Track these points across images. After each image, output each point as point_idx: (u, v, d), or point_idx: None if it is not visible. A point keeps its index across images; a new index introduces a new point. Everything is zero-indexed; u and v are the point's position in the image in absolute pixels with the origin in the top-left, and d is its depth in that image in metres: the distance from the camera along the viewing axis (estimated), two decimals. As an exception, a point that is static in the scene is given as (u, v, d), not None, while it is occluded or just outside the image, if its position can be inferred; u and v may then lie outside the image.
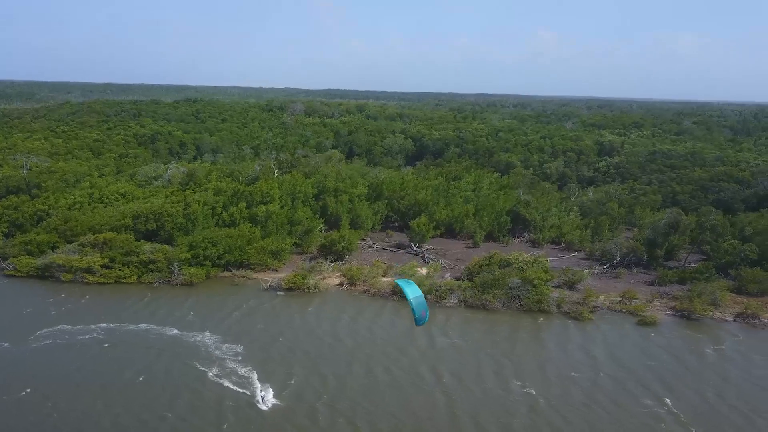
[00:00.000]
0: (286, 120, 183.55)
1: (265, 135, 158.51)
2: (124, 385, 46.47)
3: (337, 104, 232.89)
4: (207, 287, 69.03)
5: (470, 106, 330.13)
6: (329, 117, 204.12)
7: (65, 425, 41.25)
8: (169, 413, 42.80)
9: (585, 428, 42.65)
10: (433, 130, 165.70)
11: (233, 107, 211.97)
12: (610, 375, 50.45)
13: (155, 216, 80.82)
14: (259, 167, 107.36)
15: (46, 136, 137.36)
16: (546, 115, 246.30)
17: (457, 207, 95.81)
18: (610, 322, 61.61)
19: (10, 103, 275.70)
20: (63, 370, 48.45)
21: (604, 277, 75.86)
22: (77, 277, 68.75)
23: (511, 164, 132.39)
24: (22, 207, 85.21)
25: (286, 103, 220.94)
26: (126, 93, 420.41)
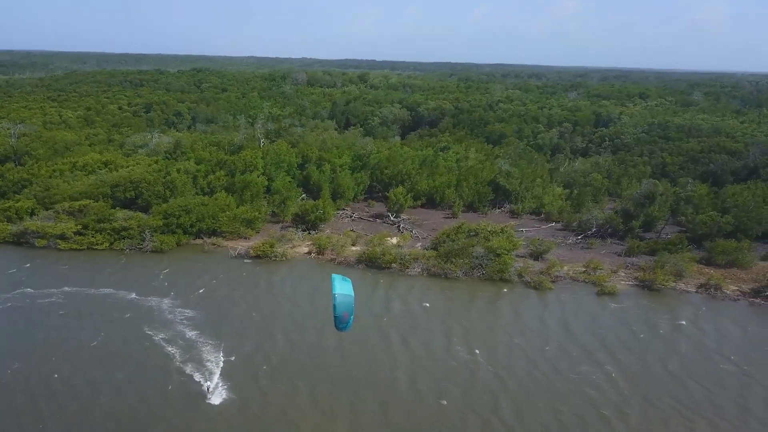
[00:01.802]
0: (286, 90, 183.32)
1: (263, 105, 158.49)
2: (76, 348, 47.65)
3: (340, 74, 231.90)
4: (177, 254, 70.08)
5: (485, 76, 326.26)
6: (331, 87, 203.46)
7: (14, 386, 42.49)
8: (118, 374, 43.91)
9: (519, 392, 43.13)
10: (430, 100, 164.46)
11: (235, 77, 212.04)
12: (559, 343, 50.87)
13: (134, 184, 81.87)
14: (243, 136, 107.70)
15: (42, 105, 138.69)
16: (552, 86, 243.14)
17: (439, 177, 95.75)
18: (569, 292, 61.76)
19: (22, 73, 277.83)
20: (16, 333, 49.69)
21: (576, 247, 75.78)
22: (51, 243, 70.11)
23: (503, 135, 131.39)
24: (6, 175, 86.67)
25: (289, 73, 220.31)
26: (140, 63, 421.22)
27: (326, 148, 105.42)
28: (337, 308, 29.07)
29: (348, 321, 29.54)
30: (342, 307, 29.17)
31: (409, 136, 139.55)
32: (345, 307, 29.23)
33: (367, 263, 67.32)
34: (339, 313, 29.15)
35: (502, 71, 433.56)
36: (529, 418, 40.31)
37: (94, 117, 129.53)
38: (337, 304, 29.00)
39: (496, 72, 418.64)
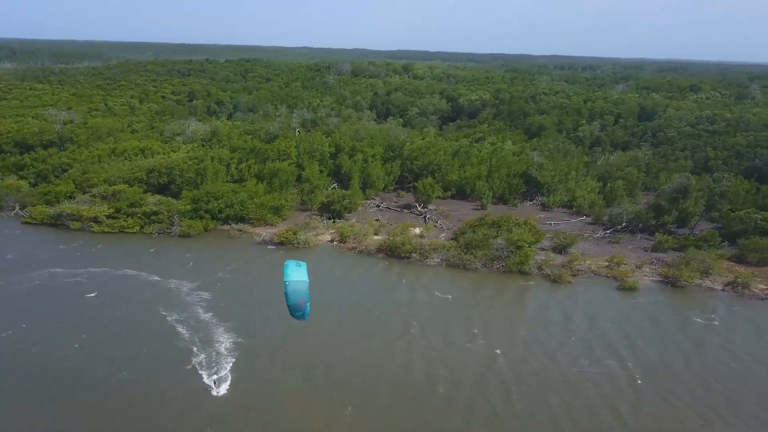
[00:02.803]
0: (329, 80, 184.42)
1: (304, 94, 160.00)
2: (93, 325, 49.43)
3: (384, 64, 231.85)
4: (203, 239, 71.73)
5: (536, 68, 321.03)
6: (375, 77, 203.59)
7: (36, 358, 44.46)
8: (131, 349, 45.45)
9: (529, 384, 42.79)
10: (471, 91, 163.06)
11: (281, 67, 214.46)
12: (572, 336, 50.33)
13: (168, 170, 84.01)
14: (279, 125, 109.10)
15: (90, 93, 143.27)
16: (601, 78, 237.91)
17: (471, 169, 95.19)
18: (589, 286, 60.84)
19: (80, 62, 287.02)
20: (41, 310, 51.80)
21: (603, 242, 74.37)
22: (85, 225, 72.70)
23: (543, 127, 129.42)
24: (48, 159, 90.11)
25: (334, 63, 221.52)
26: (196, 53, 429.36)
27: (360, 138, 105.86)
28: (290, 296, 26.96)
29: (305, 309, 27.43)
30: (295, 295, 27.08)
31: (447, 126, 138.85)
32: (299, 294, 27.13)
33: (387, 252, 67.61)
34: (293, 302, 27.06)
35: (556, 63, 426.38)
36: (540, 411, 40.06)
37: (138, 105, 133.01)
38: (288, 292, 26.89)
39: (550, 63, 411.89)
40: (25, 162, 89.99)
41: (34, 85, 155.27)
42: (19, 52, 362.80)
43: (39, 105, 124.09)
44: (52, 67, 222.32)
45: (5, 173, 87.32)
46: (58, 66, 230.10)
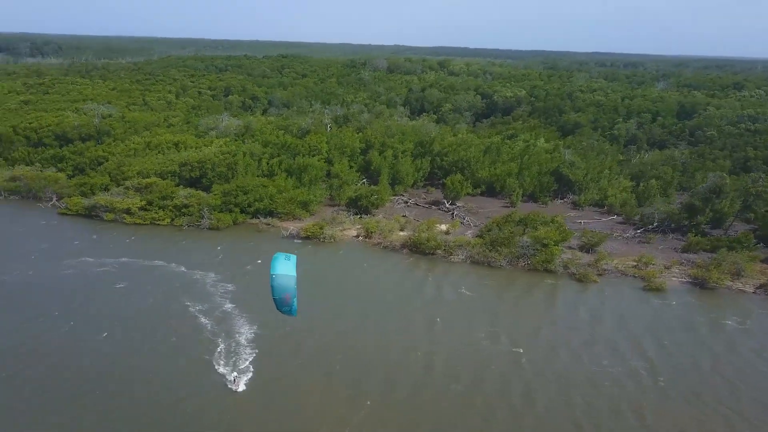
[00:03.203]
0: (364, 76, 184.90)
1: (338, 91, 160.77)
2: (120, 313, 50.64)
3: (421, 60, 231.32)
4: (232, 232, 72.76)
5: (577, 65, 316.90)
6: (411, 74, 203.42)
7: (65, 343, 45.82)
8: (154, 338, 46.50)
9: (549, 383, 42.46)
10: (507, 88, 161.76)
11: (318, 63, 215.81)
12: (594, 335, 49.71)
13: (200, 164, 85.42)
14: (311, 121, 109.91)
15: (129, 88, 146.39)
16: (641, 75, 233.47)
17: (501, 166, 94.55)
18: (614, 286, 59.97)
19: (123, 57, 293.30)
20: (72, 297, 53.28)
21: (633, 241, 73.15)
22: (118, 217, 74.41)
23: (578, 124, 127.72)
24: (85, 152, 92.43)
25: (370, 60, 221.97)
26: (236, 49, 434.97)
27: (391, 134, 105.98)
28: (275, 290, 26.43)
29: (291, 304, 27.23)
30: (281, 290, 26.56)
31: (481, 123, 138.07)
32: (285, 289, 26.62)
33: (411, 248, 67.66)
34: (278, 296, 26.57)
35: (598, 60, 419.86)
36: (561, 410, 39.71)
37: (175, 100, 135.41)
38: (274, 286, 26.42)
39: (591, 60, 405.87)
40: (64, 155, 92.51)
41: (77, 80, 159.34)
42: (66, 47, 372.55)
43: (80, 99, 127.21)
44: (95, 62, 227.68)
45: (45, 165, 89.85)
46: (101, 61, 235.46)
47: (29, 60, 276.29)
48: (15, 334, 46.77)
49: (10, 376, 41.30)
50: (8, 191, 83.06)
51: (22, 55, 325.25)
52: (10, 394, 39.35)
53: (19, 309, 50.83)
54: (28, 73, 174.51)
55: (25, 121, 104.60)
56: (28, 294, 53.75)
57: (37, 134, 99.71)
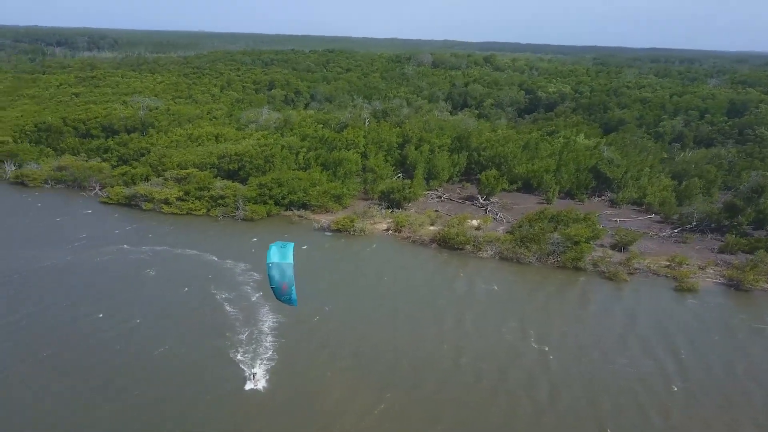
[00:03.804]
0: (407, 71, 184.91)
1: (381, 85, 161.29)
2: (150, 300, 52.28)
3: (466, 56, 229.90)
4: (265, 224, 74.00)
5: (629, 60, 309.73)
6: (456, 69, 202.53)
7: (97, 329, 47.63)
8: (181, 327, 47.90)
9: (573, 382, 42.09)
10: (552, 83, 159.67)
11: (363, 58, 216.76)
12: (620, 335, 48.98)
13: (238, 157, 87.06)
14: (350, 115, 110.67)
15: (176, 81, 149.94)
16: (695, 71, 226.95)
17: (539, 162, 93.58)
18: (645, 285, 58.88)
19: (175, 51, 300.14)
20: (105, 284, 55.22)
21: (669, 241, 71.56)
22: (156, 206, 76.52)
23: (623, 121, 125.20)
24: (129, 144, 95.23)
25: (415, 54, 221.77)
26: (286, 43, 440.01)
27: (429, 128, 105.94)
28: (272, 279, 26.50)
29: (290, 293, 27.38)
30: (277, 279, 26.63)
31: (522, 119, 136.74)
32: (281, 278, 26.73)
33: (440, 243, 67.68)
34: (275, 285, 26.63)
35: (652, 56, 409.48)
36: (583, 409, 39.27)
37: (219, 93, 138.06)
38: (271, 275, 26.50)
39: (645, 56, 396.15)
40: (109, 145, 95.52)
41: (127, 73, 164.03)
42: (121, 41, 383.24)
43: (128, 92, 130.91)
44: (146, 56, 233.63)
45: (90, 156, 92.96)
46: (153, 55, 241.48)
47: (85, 54, 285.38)
48: (52, 319, 48.63)
49: (47, 358, 42.95)
50: (55, 180, 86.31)
51: (79, 50, 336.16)
52: (46, 376, 40.94)
53: (57, 294, 52.83)
54: (81, 67, 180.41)
55: (74, 113, 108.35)
56: (66, 279, 55.82)
57: (85, 125, 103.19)
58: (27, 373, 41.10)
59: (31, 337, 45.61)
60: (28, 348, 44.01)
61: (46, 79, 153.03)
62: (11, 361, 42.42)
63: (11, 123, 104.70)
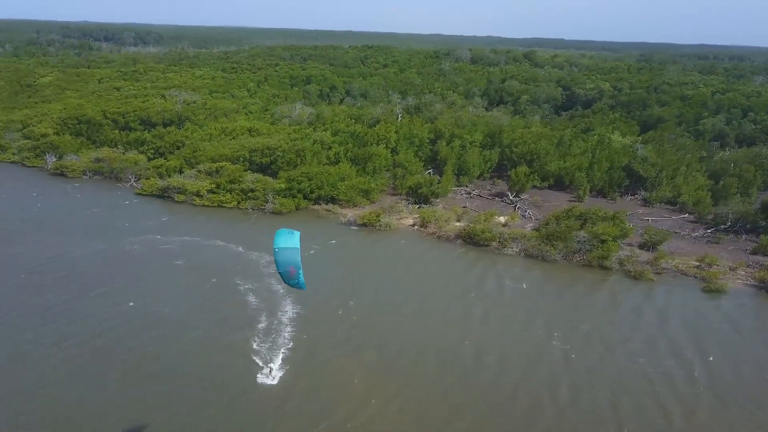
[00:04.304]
0: (444, 67, 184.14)
1: (417, 81, 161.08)
2: (176, 288, 53.58)
3: (505, 51, 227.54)
4: (293, 217, 74.88)
5: (676, 57, 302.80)
6: (494, 65, 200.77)
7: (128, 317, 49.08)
8: (204, 314, 49.01)
9: (594, 381, 41.80)
10: (590, 80, 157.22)
11: (400, 54, 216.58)
12: (644, 334, 48.43)
13: (270, 151, 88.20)
14: (382, 111, 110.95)
15: (213, 76, 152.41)
16: (741, 68, 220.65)
17: (571, 159, 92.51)
18: (671, 285, 57.93)
19: (217, 47, 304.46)
20: (133, 272, 56.75)
21: (701, 241, 70.11)
22: (188, 198, 78.12)
23: (661, 119, 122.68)
24: (165, 137, 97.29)
25: (453, 50, 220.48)
26: (326, 39, 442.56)
27: (461, 124, 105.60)
28: (279, 264, 27.14)
29: (298, 277, 27.66)
30: (285, 263, 27.21)
31: (558, 116, 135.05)
32: (288, 262, 27.23)
33: (465, 239, 67.59)
34: (283, 269, 27.25)
35: (700, 53, 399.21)
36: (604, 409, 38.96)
37: (256, 88, 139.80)
38: (278, 260, 27.12)
39: (693, 53, 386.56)
40: (145, 138, 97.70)
41: (168, 68, 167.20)
42: (166, 37, 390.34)
43: (168, 86, 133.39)
44: (188, 51, 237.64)
45: (127, 148, 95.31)
46: (194, 50, 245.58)
47: (131, 49, 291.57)
48: (86, 306, 50.03)
49: (79, 344, 44.29)
50: (93, 171, 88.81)
51: (126, 44, 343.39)
52: (77, 360, 42.30)
53: (90, 282, 54.32)
54: (124, 62, 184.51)
55: (114, 106, 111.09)
56: (99, 268, 57.38)
57: (124, 119, 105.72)
58: (59, 357, 42.53)
59: (65, 323, 47.02)
60: (61, 334, 45.39)
61: (90, 74, 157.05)
62: (44, 346, 43.89)
63: (54, 116, 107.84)
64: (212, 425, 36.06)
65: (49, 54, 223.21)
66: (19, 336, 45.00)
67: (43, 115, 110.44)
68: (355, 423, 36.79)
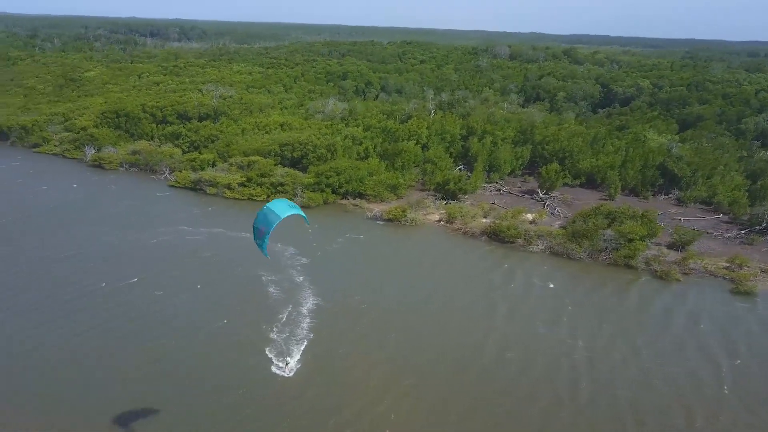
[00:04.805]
0: (481, 63, 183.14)
1: (453, 77, 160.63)
2: (200, 279, 54.78)
3: (544, 48, 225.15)
4: (321, 211, 75.63)
5: (726, 55, 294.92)
6: (533, 61, 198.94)
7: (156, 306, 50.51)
8: (224, 301, 50.12)
9: (615, 381, 41.52)
10: (630, 77, 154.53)
11: (439, 50, 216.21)
12: (668, 335, 47.75)
13: (301, 145, 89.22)
14: (414, 106, 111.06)
15: (251, 71, 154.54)
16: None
17: (604, 157, 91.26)
18: (698, 286, 56.85)
19: (258, 43, 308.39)
20: (167, 262, 58.22)
21: (734, 242, 68.54)
22: (219, 191, 79.58)
23: (701, 117, 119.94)
24: (200, 130, 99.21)
25: (492, 46, 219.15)
26: (367, 34, 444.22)
27: (494, 121, 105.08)
28: (257, 219, 28.05)
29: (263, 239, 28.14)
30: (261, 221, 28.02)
31: (595, 113, 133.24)
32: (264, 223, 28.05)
33: (490, 236, 67.40)
34: (256, 225, 28.09)
35: (751, 49, 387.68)
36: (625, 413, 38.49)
37: (293, 84, 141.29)
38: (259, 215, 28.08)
39: (743, 50, 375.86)
40: (181, 132, 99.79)
41: (207, 63, 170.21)
42: (210, 32, 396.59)
43: (205, 82, 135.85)
44: (228, 47, 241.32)
45: (163, 141, 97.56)
46: (234, 46, 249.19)
47: (174, 44, 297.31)
48: (117, 294, 51.52)
49: (110, 330, 45.78)
50: (129, 163, 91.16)
51: (170, 40, 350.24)
52: (107, 345, 43.74)
53: (121, 271, 55.74)
54: (166, 57, 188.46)
55: (152, 100, 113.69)
56: (129, 257, 58.97)
57: (161, 112, 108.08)
58: (80, 340, 44.07)
59: (96, 310, 48.51)
60: (91, 321, 46.85)
61: (132, 68, 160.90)
62: (79, 329, 45.58)
63: (95, 109, 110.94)
64: (228, 415, 36.90)
65: (95, 49, 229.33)
66: (44, 323, 46.73)
67: (85, 108, 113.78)
68: (369, 417, 37.11)
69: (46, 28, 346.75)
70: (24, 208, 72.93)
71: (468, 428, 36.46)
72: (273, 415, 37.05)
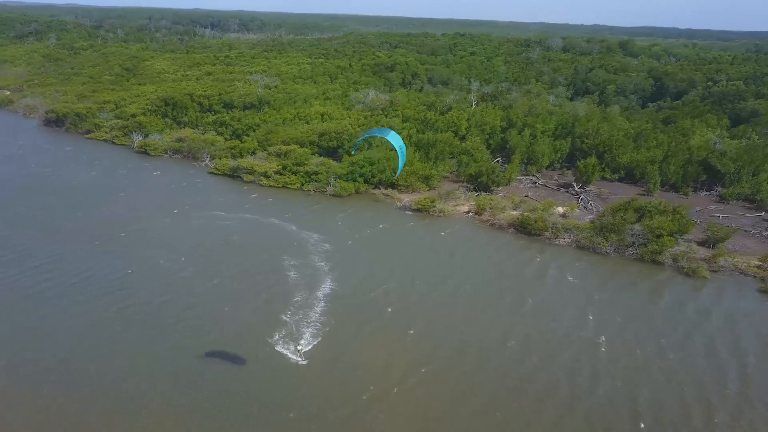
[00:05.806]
0: (532, 56, 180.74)
1: (501, 69, 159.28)
2: (231, 260, 56.70)
3: (599, 41, 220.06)
4: (352, 200, 76.85)
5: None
6: (586, 54, 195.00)
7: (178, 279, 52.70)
8: (244, 283, 51.89)
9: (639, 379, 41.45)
10: (684, 71, 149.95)
11: (491, 41, 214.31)
12: (692, 334, 47.13)
13: (338, 135, 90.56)
14: (455, 98, 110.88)
15: (299, 62, 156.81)
16: None
17: (645, 152, 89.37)
18: (726, 284, 55.61)
19: (312, 34, 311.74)
20: (197, 246, 60.41)
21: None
22: (256, 179, 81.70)
23: (756, 112, 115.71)
24: (243, 119, 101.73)
25: (544, 39, 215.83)
26: (426, 27, 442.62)
27: (535, 113, 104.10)
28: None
29: None
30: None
31: (646, 107, 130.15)
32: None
33: (517, 228, 67.26)
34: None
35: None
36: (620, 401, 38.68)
37: (340, 75, 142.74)
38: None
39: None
40: (224, 120, 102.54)
41: (261, 53, 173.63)
42: (268, 23, 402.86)
43: (253, 72, 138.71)
44: (282, 38, 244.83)
45: (207, 129, 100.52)
46: (289, 37, 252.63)
47: (232, 35, 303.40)
48: (147, 276, 53.76)
49: (128, 310, 47.89)
50: (173, 150, 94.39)
51: (230, 31, 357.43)
52: (117, 324, 45.91)
53: (153, 253, 58.10)
54: (220, 47, 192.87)
55: (201, 89, 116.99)
56: (162, 240, 61.37)
57: (208, 101, 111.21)
58: (111, 318, 46.41)
59: (129, 290, 50.83)
60: (121, 301, 49.00)
61: (187, 58, 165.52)
62: (102, 306, 48.03)
63: (147, 98, 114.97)
64: (239, 396, 38.43)
65: (156, 40, 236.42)
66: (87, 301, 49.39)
67: (136, 96, 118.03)
68: (380, 405, 37.83)
69: (113, 19, 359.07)
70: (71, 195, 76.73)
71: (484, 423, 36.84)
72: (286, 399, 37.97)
